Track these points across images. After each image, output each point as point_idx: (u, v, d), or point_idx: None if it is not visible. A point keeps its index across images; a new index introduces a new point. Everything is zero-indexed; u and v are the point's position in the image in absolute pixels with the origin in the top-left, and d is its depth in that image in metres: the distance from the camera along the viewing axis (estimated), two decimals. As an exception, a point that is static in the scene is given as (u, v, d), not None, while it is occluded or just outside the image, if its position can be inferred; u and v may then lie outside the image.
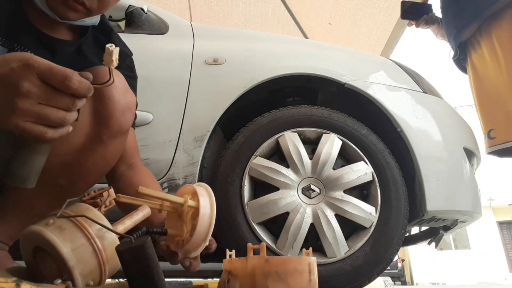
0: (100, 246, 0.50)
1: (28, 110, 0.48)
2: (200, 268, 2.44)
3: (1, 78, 0.48)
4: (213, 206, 0.64)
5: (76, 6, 0.70)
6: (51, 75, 0.49)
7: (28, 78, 0.47)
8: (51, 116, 0.49)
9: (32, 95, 0.47)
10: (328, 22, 4.08)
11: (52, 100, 0.49)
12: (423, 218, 1.41)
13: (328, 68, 1.49)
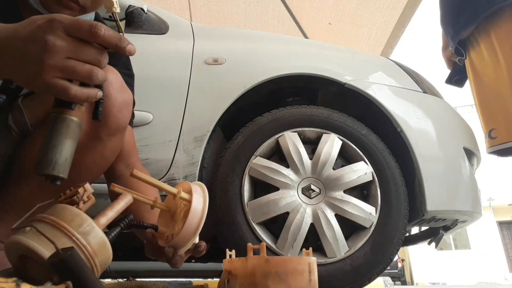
0: (84, 242, 0.49)
1: (55, 64, 0.47)
2: (200, 268, 2.43)
3: (28, 35, 0.48)
4: (205, 203, 0.64)
5: (69, 3, 0.70)
6: (77, 26, 0.48)
7: (54, 32, 0.47)
8: (78, 68, 0.48)
9: (59, 49, 0.47)
10: (328, 22, 4.08)
11: (80, 52, 0.48)
12: (423, 218, 1.41)
13: (328, 68, 1.49)
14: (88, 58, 0.49)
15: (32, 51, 0.47)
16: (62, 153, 0.51)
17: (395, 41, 3.87)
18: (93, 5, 0.73)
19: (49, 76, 0.47)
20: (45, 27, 0.47)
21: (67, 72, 0.48)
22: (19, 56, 0.48)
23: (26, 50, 0.47)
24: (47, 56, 0.47)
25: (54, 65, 0.47)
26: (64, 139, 0.51)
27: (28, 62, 0.47)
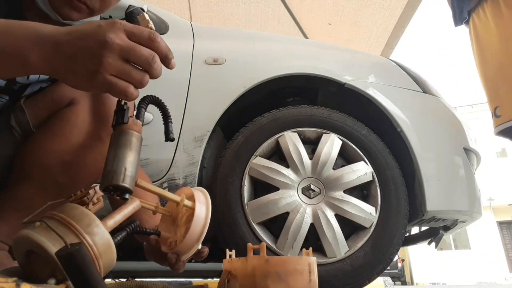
0: (91, 241, 0.49)
1: (114, 63, 0.48)
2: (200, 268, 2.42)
3: (88, 33, 0.48)
4: (208, 210, 0.64)
5: (79, 6, 0.71)
6: (138, 30, 0.50)
7: (115, 31, 0.49)
8: (133, 72, 0.49)
9: (118, 47, 0.48)
10: (328, 23, 4.08)
11: (136, 55, 0.49)
12: (423, 218, 1.41)
13: (328, 68, 1.50)
14: (141, 61, 0.50)
15: (91, 46, 0.48)
16: (129, 165, 0.51)
17: (395, 41, 3.87)
18: (101, 8, 0.74)
19: (107, 73, 0.48)
20: (107, 27, 0.49)
21: (123, 73, 0.49)
22: (77, 52, 0.48)
23: (85, 46, 0.48)
24: (106, 52, 0.48)
25: (113, 64, 0.48)
26: (129, 152, 0.52)
27: (87, 58, 0.48)
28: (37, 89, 0.80)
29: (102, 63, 0.48)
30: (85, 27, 0.50)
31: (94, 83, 0.49)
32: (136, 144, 0.54)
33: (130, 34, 0.50)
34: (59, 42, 0.49)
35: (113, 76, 0.49)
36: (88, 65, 0.48)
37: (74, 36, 0.49)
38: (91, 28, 0.49)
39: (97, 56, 0.48)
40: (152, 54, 0.50)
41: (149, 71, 0.51)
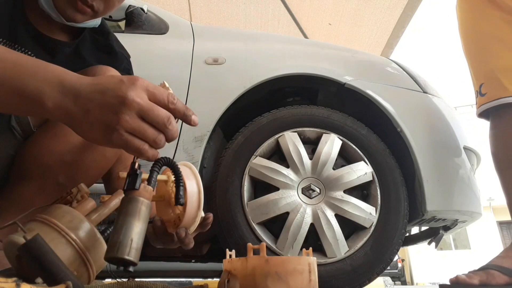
0: (74, 236, 0.49)
1: (130, 121, 0.48)
2: (200, 268, 2.42)
3: (110, 89, 0.49)
4: (197, 177, 0.64)
5: (84, 8, 0.71)
6: (158, 91, 0.52)
7: (136, 90, 0.49)
8: (149, 132, 0.50)
9: (136, 106, 0.48)
10: (328, 23, 4.08)
11: (153, 112, 0.50)
12: (423, 218, 1.41)
13: (328, 68, 1.50)
14: (157, 122, 0.50)
15: (111, 102, 0.48)
16: (135, 236, 0.51)
17: (395, 41, 3.87)
18: (105, 10, 0.75)
19: (123, 130, 0.48)
20: (129, 84, 0.49)
21: (138, 132, 0.49)
22: (96, 106, 0.48)
23: (104, 100, 0.48)
24: (125, 109, 0.48)
25: (130, 121, 0.48)
26: (137, 222, 0.52)
27: (105, 113, 0.48)
28: None
29: (120, 120, 0.48)
30: (108, 80, 0.50)
31: (110, 138, 0.49)
32: (145, 213, 0.53)
33: (151, 94, 0.51)
34: (80, 94, 0.49)
35: (129, 133, 0.49)
36: (105, 120, 0.48)
37: (95, 89, 0.49)
38: (113, 83, 0.49)
39: (115, 112, 0.48)
40: (168, 116, 0.51)
41: (164, 132, 0.51)
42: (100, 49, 0.87)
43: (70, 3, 0.71)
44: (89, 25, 0.81)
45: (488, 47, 1.19)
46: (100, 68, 0.78)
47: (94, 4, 0.71)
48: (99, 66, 0.79)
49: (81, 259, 0.50)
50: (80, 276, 0.51)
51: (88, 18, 0.75)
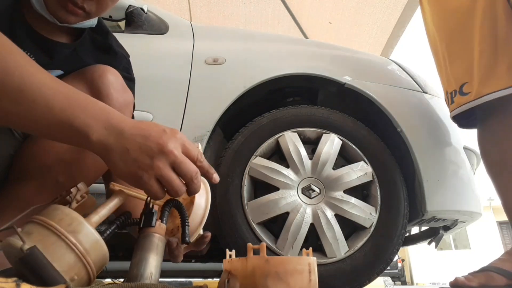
0: (74, 240, 0.49)
1: (162, 167, 0.52)
2: (200, 268, 2.42)
3: (153, 136, 0.53)
4: (208, 195, 0.66)
5: (75, 10, 0.71)
6: (191, 147, 0.56)
7: (175, 142, 0.54)
8: (175, 182, 0.53)
9: (172, 157, 0.53)
10: (328, 21, 4.08)
11: (185, 166, 0.54)
12: (423, 218, 1.41)
13: (328, 68, 1.50)
14: (186, 175, 0.54)
15: (151, 147, 0.52)
16: (154, 270, 0.55)
17: (395, 40, 3.87)
18: (98, 11, 0.74)
19: (153, 175, 0.52)
20: (171, 135, 0.54)
21: (166, 180, 0.53)
22: (137, 147, 0.52)
23: (145, 144, 0.52)
24: (162, 157, 0.52)
25: (163, 168, 0.52)
26: (155, 256, 0.56)
27: (142, 156, 0.52)
28: None
29: (154, 165, 0.52)
30: (151, 127, 0.54)
31: (138, 178, 0.52)
32: (161, 248, 0.57)
33: (185, 149, 0.55)
34: (124, 133, 0.53)
35: (156, 179, 0.52)
36: (141, 162, 0.52)
37: (138, 132, 0.53)
38: (156, 131, 0.54)
39: (152, 157, 0.52)
40: (196, 171, 0.55)
41: (189, 185, 0.55)
42: (99, 49, 0.87)
43: (60, 5, 0.70)
44: (85, 25, 0.80)
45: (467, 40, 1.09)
46: (98, 67, 0.78)
47: (85, 5, 0.71)
48: (98, 66, 0.79)
49: (82, 263, 0.50)
50: (80, 279, 0.51)
51: (81, 19, 0.74)
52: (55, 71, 0.79)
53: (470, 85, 1.06)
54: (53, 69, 0.79)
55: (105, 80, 0.75)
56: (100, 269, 0.53)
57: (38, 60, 0.76)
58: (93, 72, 0.76)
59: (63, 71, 0.80)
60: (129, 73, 0.92)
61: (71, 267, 0.49)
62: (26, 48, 0.74)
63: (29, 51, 0.74)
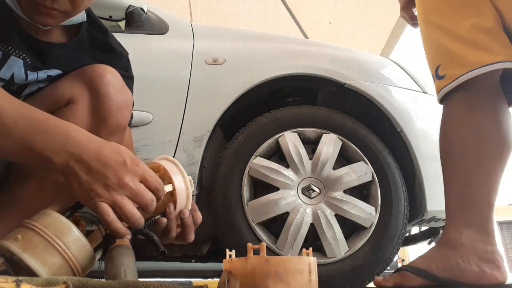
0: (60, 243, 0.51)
1: (117, 197, 0.54)
2: (200, 268, 2.41)
3: (112, 166, 0.55)
4: (182, 171, 0.66)
5: (49, 12, 0.67)
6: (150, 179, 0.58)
7: (133, 176, 0.56)
8: (126, 208, 0.54)
9: (128, 189, 0.54)
10: (328, 21, 4.08)
11: (141, 197, 0.56)
12: (423, 218, 1.41)
13: (328, 68, 1.49)
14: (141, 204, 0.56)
15: (109, 177, 0.54)
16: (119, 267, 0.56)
17: (395, 40, 3.87)
18: (74, 9, 0.70)
19: (105, 200, 0.53)
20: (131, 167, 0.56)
21: (117, 207, 0.54)
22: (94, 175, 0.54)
23: (103, 174, 0.54)
24: (118, 188, 0.54)
25: (115, 198, 0.54)
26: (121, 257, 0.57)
27: (98, 183, 0.54)
28: (36, 89, 0.79)
29: (107, 195, 0.53)
30: (113, 157, 0.55)
31: (90, 202, 0.54)
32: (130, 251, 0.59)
33: (144, 180, 0.57)
34: (83, 158, 0.54)
35: (107, 204, 0.54)
36: (96, 189, 0.53)
37: (99, 160, 0.55)
38: (117, 160, 0.55)
39: (107, 186, 0.54)
40: (151, 200, 0.57)
41: (145, 211, 0.57)
42: (98, 47, 0.86)
43: (35, 10, 0.68)
44: (73, 22, 0.78)
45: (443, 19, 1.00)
46: (97, 67, 0.78)
47: (55, 6, 0.67)
48: (97, 65, 0.78)
49: (70, 269, 0.52)
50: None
51: (62, 19, 0.71)
52: (54, 71, 0.79)
53: (444, 67, 0.97)
54: (51, 68, 0.78)
55: (105, 79, 0.75)
56: (86, 271, 0.54)
57: (34, 63, 0.75)
58: (92, 71, 0.76)
59: (62, 71, 0.80)
60: (128, 72, 0.92)
61: (57, 269, 0.50)
62: (20, 48, 0.74)
63: (23, 51, 0.74)
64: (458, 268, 0.86)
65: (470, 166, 0.92)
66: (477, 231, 0.88)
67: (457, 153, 0.95)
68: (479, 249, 0.86)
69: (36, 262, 0.48)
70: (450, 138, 0.98)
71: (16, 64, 0.72)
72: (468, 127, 0.94)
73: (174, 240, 0.68)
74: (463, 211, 0.91)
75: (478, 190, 0.91)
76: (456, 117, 0.97)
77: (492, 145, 0.92)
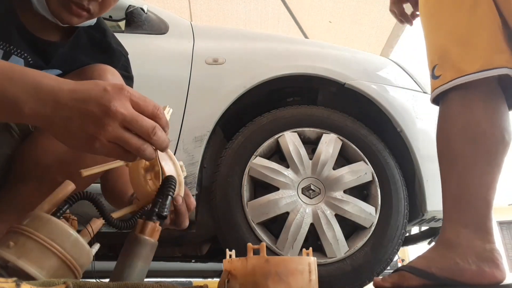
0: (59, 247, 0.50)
1: (114, 130, 0.48)
2: (200, 268, 2.41)
3: (93, 98, 0.47)
4: (172, 158, 0.64)
5: (80, 12, 0.70)
6: (144, 102, 0.51)
7: (120, 100, 0.48)
8: (132, 141, 0.49)
9: (120, 116, 0.48)
10: (328, 21, 4.08)
11: (137, 123, 0.49)
12: (423, 218, 1.41)
13: (328, 68, 1.49)
14: (142, 132, 0.50)
15: (93, 111, 0.47)
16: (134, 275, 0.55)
17: (395, 40, 3.87)
18: (101, 11, 0.74)
19: (106, 140, 0.48)
20: (114, 93, 0.48)
21: (121, 141, 0.49)
22: (78, 114, 0.47)
23: (86, 109, 0.47)
24: (108, 120, 0.47)
25: (113, 131, 0.48)
26: (138, 261, 0.56)
27: (87, 123, 0.47)
28: None
29: (102, 130, 0.47)
30: (90, 88, 0.48)
31: (92, 147, 0.48)
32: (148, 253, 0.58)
33: (135, 104, 0.50)
34: (59, 101, 0.48)
35: (111, 142, 0.48)
36: (87, 130, 0.47)
37: (76, 97, 0.48)
38: (96, 91, 0.48)
39: (98, 123, 0.47)
40: (153, 126, 0.50)
41: (151, 142, 0.51)
42: (97, 47, 0.87)
43: (64, 7, 0.70)
44: (85, 25, 0.80)
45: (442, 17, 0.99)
46: (98, 67, 0.78)
47: (91, 7, 0.71)
48: (97, 65, 0.78)
49: (69, 269, 0.51)
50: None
51: (84, 20, 0.74)
52: (54, 71, 0.79)
53: (440, 67, 0.97)
54: (51, 68, 0.78)
55: (104, 79, 0.75)
56: (84, 269, 0.54)
57: (35, 61, 0.75)
58: (92, 71, 0.76)
59: (61, 70, 0.80)
60: (127, 72, 0.92)
61: (55, 271, 0.50)
62: (22, 48, 0.74)
63: (26, 51, 0.74)
64: (457, 268, 0.85)
65: (466, 165, 0.92)
66: (475, 230, 0.88)
67: (453, 152, 0.96)
68: (477, 248, 0.86)
69: (33, 267, 0.47)
70: (446, 137, 0.98)
71: (17, 64, 0.72)
72: (463, 125, 0.94)
73: (168, 226, 0.68)
74: (460, 210, 0.91)
75: (475, 188, 0.91)
76: (452, 116, 0.98)
77: (488, 144, 0.92)
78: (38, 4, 0.71)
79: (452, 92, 0.96)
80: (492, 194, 0.92)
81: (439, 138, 1.00)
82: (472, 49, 0.93)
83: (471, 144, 0.92)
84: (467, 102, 0.95)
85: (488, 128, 0.92)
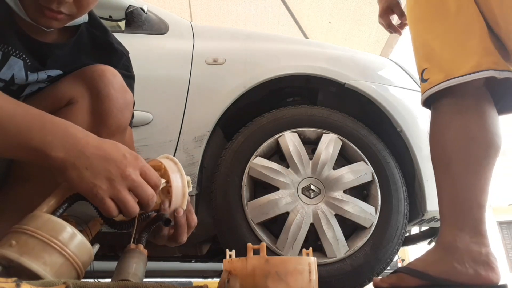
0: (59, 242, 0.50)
1: (120, 190, 0.55)
2: (200, 268, 2.42)
3: (113, 159, 0.56)
4: (181, 170, 0.67)
5: (54, 15, 0.67)
6: (150, 171, 0.59)
7: (134, 167, 0.57)
8: (129, 204, 0.56)
9: (130, 180, 0.56)
10: (328, 21, 4.08)
11: (142, 189, 0.57)
12: (423, 218, 1.41)
13: (328, 68, 1.49)
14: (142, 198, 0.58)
15: (110, 170, 0.55)
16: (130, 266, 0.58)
17: (394, 40, 3.87)
18: (80, 11, 0.70)
19: (108, 195, 0.55)
20: (131, 160, 0.57)
21: (119, 200, 0.55)
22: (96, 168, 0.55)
23: (105, 167, 0.55)
24: (119, 180, 0.55)
25: (119, 191, 0.55)
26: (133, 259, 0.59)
27: (101, 176, 0.55)
28: (36, 89, 0.79)
29: (111, 187, 0.55)
30: (113, 150, 0.57)
31: (93, 195, 0.55)
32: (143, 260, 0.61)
33: (143, 173, 0.58)
34: (84, 152, 0.55)
35: (109, 198, 0.55)
36: (100, 182, 0.54)
37: (99, 153, 0.56)
38: (117, 154, 0.57)
39: (110, 179, 0.55)
40: (152, 195, 0.58)
41: (145, 208, 0.59)
42: (98, 46, 0.86)
43: (39, 13, 0.67)
44: (76, 23, 0.78)
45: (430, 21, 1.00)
46: (98, 67, 0.78)
47: (62, 9, 0.66)
48: (97, 65, 0.78)
49: (72, 266, 0.51)
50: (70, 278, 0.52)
51: (66, 21, 0.71)
52: (54, 71, 0.79)
53: (429, 71, 0.98)
54: (52, 69, 0.78)
55: (105, 80, 0.74)
56: (86, 267, 0.54)
57: (34, 64, 0.75)
58: (92, 71, 0.76)
59: (62, 71, 0.80)
60: (128, 71, 0.92)
61: (58, 268, 0.50)
62: (19, 49, 0.73)
63: (23, 52, 0.74)
64: (454, 271, 0.87)
65: (459, 169, 0.94)
66: (471, 234, 0.89)
67: (445, 157, 0.97)
68: (473, 252, 0.88)
69: (36, 264, 0.48)
70: (438, 142, 1.00)
71: (16, 64, 0.72)
72: (455, 130, 0.96)
73: (166, 242, 0.68)
74: (455, 214, 0.93)
75: (468, 192, 0.93)
76: (443, 121, 0.99)
77: (479, 148, 0.93)
78: (19, 12, 0.69)
79: (443, 98, 0.98)
80: (485, 198, 0.93)
81: (432, 144, 1.02)
82: (460, 53, 0.94)
83: (464, 150, 0.94)
84: (458, 107, 0.97)
85: (479, 133, 0.94)
